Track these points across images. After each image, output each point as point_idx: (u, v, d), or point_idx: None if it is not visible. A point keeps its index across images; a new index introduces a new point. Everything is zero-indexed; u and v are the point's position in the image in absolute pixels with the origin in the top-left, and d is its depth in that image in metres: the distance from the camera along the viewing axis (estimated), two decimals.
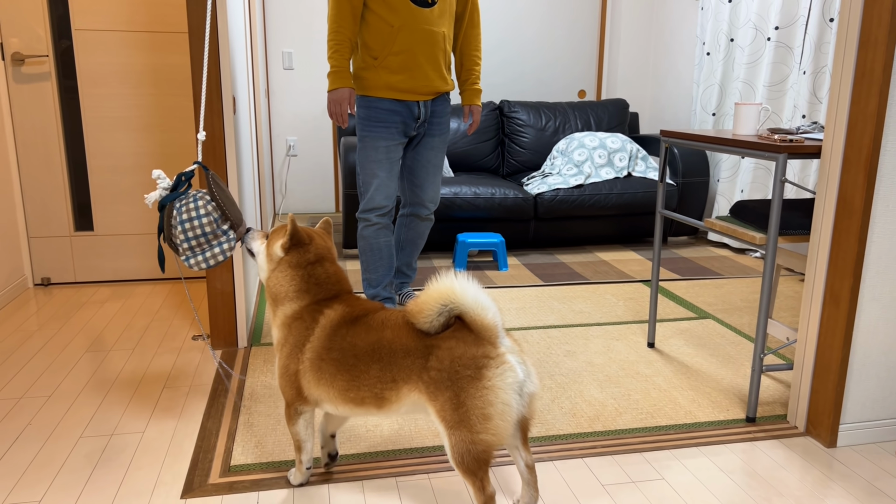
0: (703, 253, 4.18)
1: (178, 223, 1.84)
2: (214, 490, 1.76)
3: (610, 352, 2.65)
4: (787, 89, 3.87)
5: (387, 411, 1.57)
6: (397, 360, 1.51)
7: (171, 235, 1.87)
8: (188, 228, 1.84)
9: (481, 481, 1.46)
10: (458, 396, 1.44)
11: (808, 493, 1.77)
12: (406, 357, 1.51)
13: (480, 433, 1.43)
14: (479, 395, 1.43)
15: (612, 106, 4.79)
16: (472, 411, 1.43)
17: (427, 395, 1.48)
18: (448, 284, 1.46)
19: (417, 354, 1.50)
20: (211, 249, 1.86)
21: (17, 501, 1.70)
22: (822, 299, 1.97)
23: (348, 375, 1.56)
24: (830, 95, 1.90)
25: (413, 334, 1.52)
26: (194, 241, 1.85)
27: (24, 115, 3.23)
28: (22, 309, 3.07)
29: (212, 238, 1.86)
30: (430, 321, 1.48)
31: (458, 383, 1.44)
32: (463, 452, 1.45)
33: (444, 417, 1.46)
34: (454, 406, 1.44)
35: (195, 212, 1.84)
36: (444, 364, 1.46)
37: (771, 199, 2.00)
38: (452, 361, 1.45)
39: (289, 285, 1.67)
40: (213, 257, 1.87)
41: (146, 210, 3.44)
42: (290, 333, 1.65)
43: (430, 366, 1.47)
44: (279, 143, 5.11)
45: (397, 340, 1.52)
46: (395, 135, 2.69)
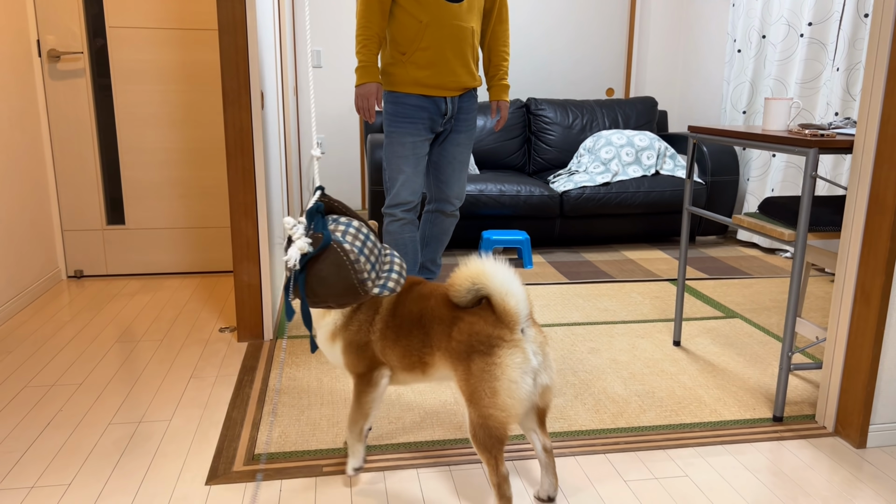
0: (732, 252, 4.12)
1: (359, 254, 1.49)
2: (238, 477, 1.78)
3: (635, 349, 2.63)
4: (820, 86, 3.80)
5: (429, 377, 1.67)
6: (433, 326, 1.60)
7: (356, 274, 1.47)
8: (369, 253, 1.53)
9: (496, 459, 1.51)
10: (470, 369, 1.51)
11: (835, 494, 1.73)
12: (439, 324, 1.59)
13: (489, 408, 1.49)
14: (487, 370, 1.49)
15: (641, 104, 4.75)
16: (481, 385, 1.50)
17: (450, 364, 1.58)
18: (480, 265, 1.52)
19: (446, 323, 1.58)
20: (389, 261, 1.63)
21: (46, 485, 1.74)
22: (853, 297, 1.93)
23: (405, 342, 1.64)
24: (863, 89, 1.86)
25: (448, 305, 1.60)
26: (378, 263, 1.58)
27: (59, 111, 3.31)
28: (55, 300, 3.14)
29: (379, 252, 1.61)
30: (460, 296, 1.56)
31: (472, 357, 1.51)
32: (477, 427, 1.51)
33: (462, 388, 1.55)
34: (467, 378, 1.52)
35: (357, 231, 1.54)
36: (462, 336, 1.53)
37: (801, 194, 1.96)
38: (470, 335, 1.52)
39: None
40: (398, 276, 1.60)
41: (176, 205, 3.50)
42: (356, 314, 1.68)
43: (452, 335, 1.56)
44: (307, 141, 5.15)
45: (436, 309, 1.61)
46: (422, 130, 2.70)
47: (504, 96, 2.86)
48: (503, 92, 2.86)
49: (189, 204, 3.50)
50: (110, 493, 1.71)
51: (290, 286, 1.49)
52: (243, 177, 2.51)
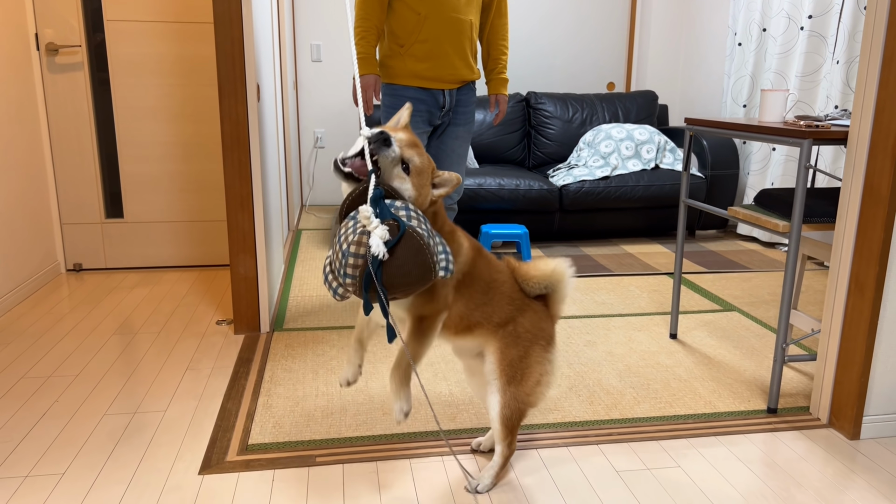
0: (732, 246, 4.11)
1: (428, 237, 1.41)
2: (231, 467, 1.79)
3: (631, 342, 2.63)
4: (820, 80, 3.78)
5: (462, 343, 1.65)
6: (499, 302, 1.61)
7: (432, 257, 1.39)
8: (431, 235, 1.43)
9: (512, 437, 1.64)
10: (527, 358, 1.61)
11: (828, 485, 1.73)
12: (507, 304, 1.62)
13: (530, 395, 1.61)
14: (542, 363, 1.62)
15: (641, 98, 4.73)
16: (531, 373, 1.61)
17: (498, 345, 1.61)
18: (560, 267, 1.64)
19: (516, 306, 1.63)
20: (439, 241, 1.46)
21: (41, 474, 1.75)
22: (847, 288, 1.92)
23: (467, 296, 1.60)
24: (858, 80, 1.86)
25: (516, 287, 1.65)
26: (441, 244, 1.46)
27: (57, 104, 3.32)
28: (54, 293, 3.15)
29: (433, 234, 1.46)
30: (534, 287, 1.64)
31: (533, 347, 1.61)
32: (512, 409, 1.60)
33: (505, 370, 1.60)
34: (519, 362, 1.60)
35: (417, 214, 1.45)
36: (529, 325, 1.62)
37: (795, 186, 1.96)
38: (534, 325, 1.62)
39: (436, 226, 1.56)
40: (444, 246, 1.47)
41: (175, 198, 3.50)
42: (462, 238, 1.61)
43: (518, 320, 1.62)
44: (307, 136, 5.15)
45: (505, 286, 1.64)
46: (420, 123, 2.70)
47: (503, 90, 2.85)
48: (502, 86, 2.85)
49: (188, 198, 3.51)
50: (104, 483, 1.71)
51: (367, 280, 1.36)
52: (239, 169, 2.51)
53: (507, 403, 1.59)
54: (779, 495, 1.68)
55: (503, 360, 1.60)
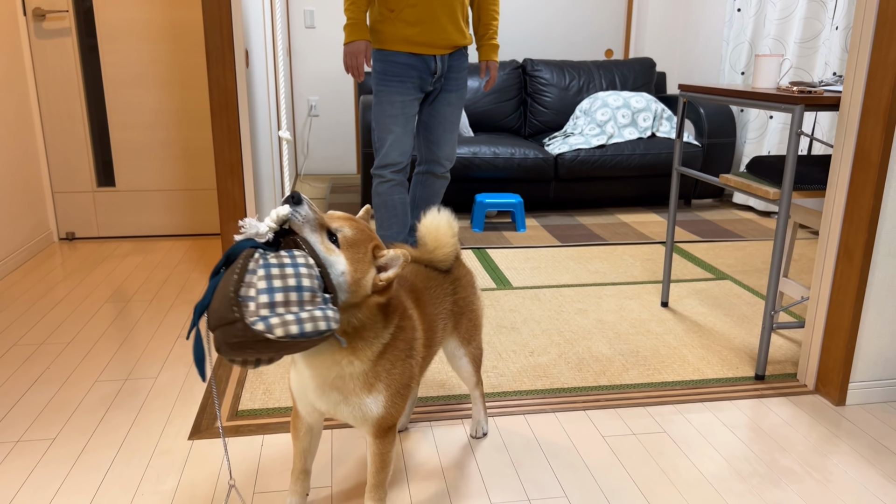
0: (727, 215, 4.10)
1: (261, 266, 1.11)
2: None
3: (622, 310, 2.63)
4: (818, 46, 3.73)
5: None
6: (444, 307, 1.58)
7: (233, 289, 1.09)
8: (275, 276, 1.11)
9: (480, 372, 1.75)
10: (473, 311, 1.66)
11: (812, 449, 1.75)
12: (447, 301, 1.59)
13: (481, 332, 1.72)
14: (479, 305, 1.69)
15: (639, 65, 4.68)
16: (478, 317, 1.68)
17: (453, 325, 1.61)
18: (448, 219, 1.57)
19: (449, 293, 1.60)
20: (309, 311, 1.11)
21: (32, 439, 1.77)
22: (836, 255, 1.92)
23: (434, 345, 1.53)
24: (851, 43, 1.83)
25: (442, 279, 1.58)
26: (280, 294, 1.10)
27: (46, 71, 3.28)
28: (47, 261, 3.15)
29: (307, 298, 1.12)
30: (453, 258, 1.60)
31: (472, 300, 1.66)
32: (478, 355, 1.70)
33: (465, 338, 1.65)
34: (472, 322, 1.66)
35: (290, 259, 1.13)
36: (466, 292, 1.64)
37: (786, 152, 1.95)
38: (467, 286, 1.64)
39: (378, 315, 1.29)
40: (313, 321, 1.10)
41: (167, 166, 3.48)
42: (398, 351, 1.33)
43: (457, 298, 1.61)
44: (301, 104, 5.11)
45: (438, 291, 1.57)
46: (411, 89, 2.67)
47: (494, 56, 2.82)
48: (493, 52, 2.82)
49: (180, 165, 3.49)
50: (94, 447, 1.73)
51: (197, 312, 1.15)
52: (228, 136, 2.49)
53: (475, 355, 1.70)
54: (762, 459, 1.70)
55: (458, 333, 1.65)
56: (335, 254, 1.19)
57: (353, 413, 1.31)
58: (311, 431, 1.46)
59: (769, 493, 1.57)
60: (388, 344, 1.30)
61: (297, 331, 1.09)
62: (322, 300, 1.14)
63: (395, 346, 1.32)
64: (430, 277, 1.55)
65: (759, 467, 1.67)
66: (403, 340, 1.33)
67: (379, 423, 1.34)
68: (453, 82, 2.76)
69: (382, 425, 1.35)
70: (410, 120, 2.71)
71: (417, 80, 2.66)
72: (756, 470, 1.66)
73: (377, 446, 1.38)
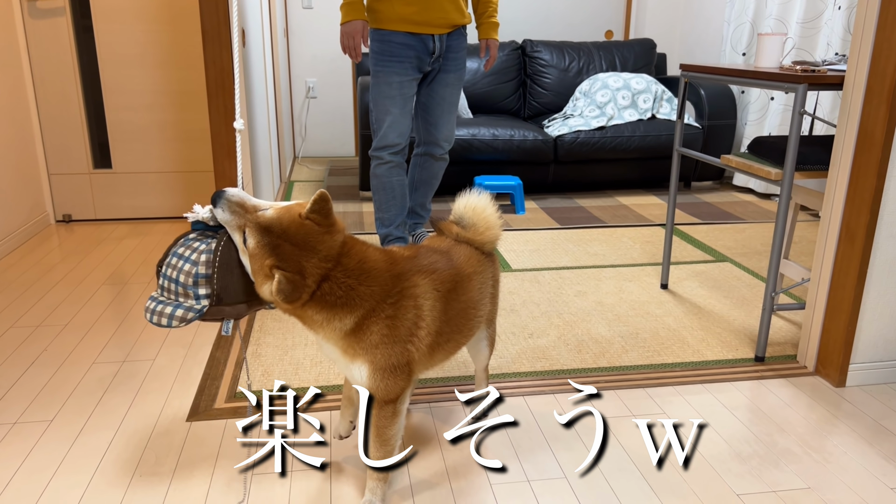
0: (727, 198, 4.08)
1: (173, 253, 1.37)
2: (219, 414, 1.80)
3: (621, 292, 2.62)
4: (821, 26, 3.69)
5: None
6: (486, 293, 1.58)
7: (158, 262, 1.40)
8: (172, 265, 1.35)
9: None
10: (496, 296, 1.68)
11: (811, 431, 1.74)
12: (486, 286, 1.59)
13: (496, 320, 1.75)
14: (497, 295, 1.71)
15: (639, 46, 4.64)
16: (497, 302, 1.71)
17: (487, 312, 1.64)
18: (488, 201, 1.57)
19: (490, 279, 1.61)
20: (165, 305, 1.34)
21: (29, 420, 1.76)
22: (838, 236, 1.91)
23: (465, 330, 1.51)
24: (856, 22, 1.80)
25: (480, 260, 1.57)
26: (167, 281, 1.35)
27: (40, 51, 3.24)
28: (44, 244, 3.14)
29: (180, 292, 1.34)
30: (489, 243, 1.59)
31: (497, 285, 1.67)
32: (494, 338, 1.74)
33: (490, 319, 1.67)
34: (494, 304, 1.68)
35: (190, 252, 1.35)
36: (497, 276, 1.66)
37: (789, 132, 1.93)
38: (498, 269, 1.66)
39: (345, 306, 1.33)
40: (159, 315, 1.34)
41: (163, 148, 3.45)
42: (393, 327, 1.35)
43: (494, 282, 1.64)
44: (299, 85, 5.07)
45: (485, 276, 1.57)
46: (409, 70, 2.64)
47: (494, 34, 2.78)
48: (493, 30, 2.78)
49: (177, 147, 3.46)
50: (92, 429, 1.73)
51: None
52: (225, 117, 2.46)
53: (492, 334, 1.73)
54: (762, 440, 1.70)
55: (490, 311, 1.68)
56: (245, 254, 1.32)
57: (347, 372, 1.43)
58: None
59: (768, 474, 1.57)
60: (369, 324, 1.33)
61: (148, 317, 1.35)
62: (194, 295, 1.33)
63: (381, 326, 1.33)
64: (478, 262, 1.55)
65: (759, 448, 1.67)
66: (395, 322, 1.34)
67: (373, 393, 1.36)
68: (452, 62, 2.73)
69: (377, 397, 1.37)
70: (409, 101, 2.68)
71: (415, 61, 2.63)
72: (756, 451, 1.66)
73: (373, 417, 1.38)
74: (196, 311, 1.32)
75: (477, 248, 1.57)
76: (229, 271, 1.33)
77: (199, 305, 1.32)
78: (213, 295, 1.32)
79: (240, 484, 1.53)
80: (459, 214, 1.58)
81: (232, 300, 1.34)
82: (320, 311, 1.32)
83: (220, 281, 1.32)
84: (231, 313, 1.37)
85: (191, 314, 1.32)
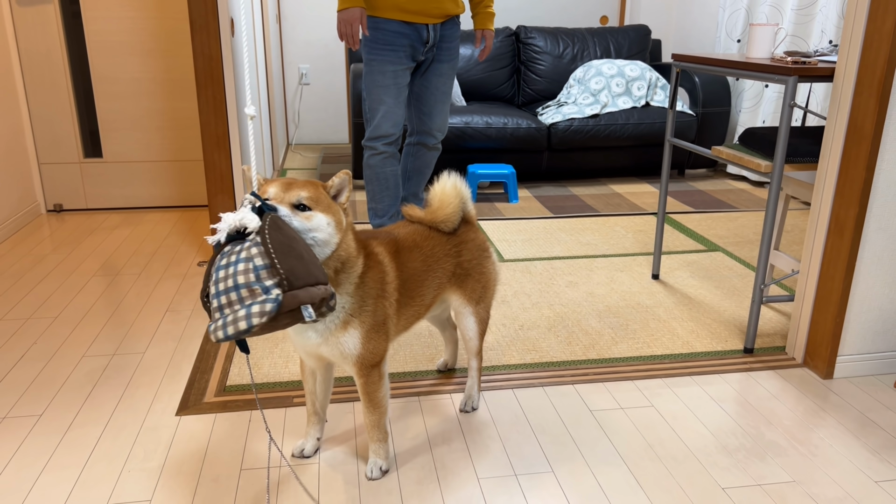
0: (720, 186, 4.08)
1: (215, 270, 1.25)
2: (209, 408, 1.80)
3: (613, 283, 2.63)
4: (815, 13, 3.67)
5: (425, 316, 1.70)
6: (441, 265, 1.65)
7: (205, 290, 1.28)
8: (221, 278, 1.22)
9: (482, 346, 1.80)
10: (484, 275, 1.73)
11: (798, 423, 1.75)
12: (447, 260, 1.66)
13: (493, 295, 1.78)
14: (493, 266, 1.77)
15: (634, 32, 4.61)
16: (490, 281, 1.76)
17: (458, 285, 1.69)
18: (456, 183, 1.65)
19: (452, 255, 1.67)
20: (235, 312, 1.19)
21: (18, 415, 1.76)
22: (827, 228, 1.91)
23: (418, 297, 1.61)
24: (847, 12, 1.79)
25: (444, 240, 1.66)
26: (224, 296, 1.21)
27: (28, 38, 3.21)
28: (35, 234, 3.12)
29: (245, 295, 1.20)
30: (458, 220, 1.67)
31: (483, 264, 1.73)
32: (485, 318, 1.76)
33: (472, 298, 1.72)
34: (481, 284, 1.73)
35: (235, 256, 1.23)
36: (473, 255, 1.71)
37: (779, 124, 1.92)
38: (476, 249, 1.71)
39: (350, 243, 1.40)
40: (234, 323, 1.18)
41: (154, 137, 3.43)
42: (369, 288, 1.44)
43: (462, 260, 1.68)
44: (291, 72, 5.03)
45: (435, 249, 1.64)
46: (403, 59, 2.62)
47: (489, 24, 2.76)
48: (488, 20, 2.76)
49: (167, 136, 3.44)
50: (81, 423, 1.73)
51: None
52: (214, 107, 2.45)
53: (482, 318, 1.75)
54: (748, 433, 1.71)
55: (465, 293, 1.71)
56: (313, 216, 1.32)
57: (332, 351, 1.44)
58: (314, 375, 1.58)
59: (754, 467, 1.58)
60: (359, 281, 1.42)
61: (223, 335, 1.18)
62: (262, 289, 1.19)
63: (365, 284, 1.44)
64: (428, 237, 1.64)
65: (746, 441, 1.68)
66: (372, 279, 1.45)
67: (360, 361, 1.46)
68: (445, 52, 2.71)
69: (364, 363, 1.46)
70: (402, 90, 2.67)
71: (409, 49, 2.61)
72: (742, 444, 1.67)
73: (361, 385, 1.50)
74: (273, 302, 1.19)
75: (435, 228, 1.66)
76: (288, 253, 1.23)
77: (272, 296, 1.19)
78: (282, 281, 1.20)
79: (229, 480, 1.53)
80: (427, 198, 1.71)
81: (302, 282, 1.22)
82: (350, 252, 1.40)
83: (283, 264, 1.21)
84: (306, 298, 1.23)
85: (269, 305, 1.18)
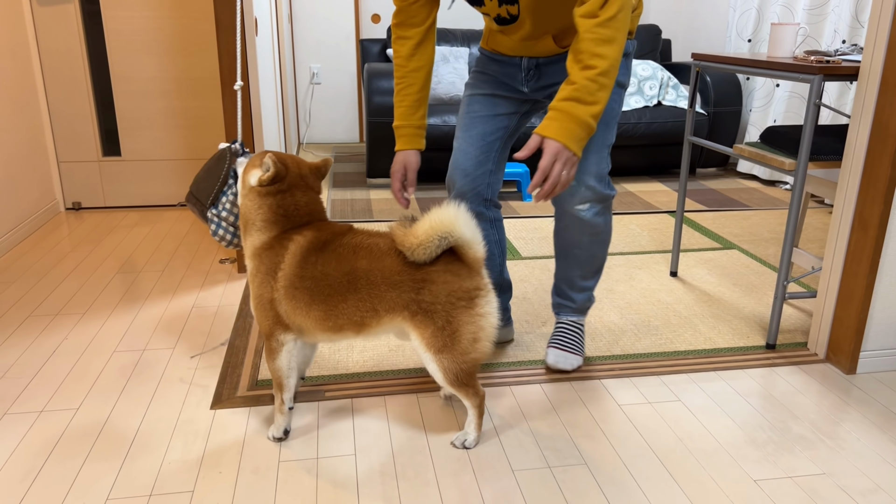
0: (732, 185, 4.10)
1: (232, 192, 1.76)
2: (242, 402, 1.82)
3: (631, 280, 2.65)
4: (828, 13, 3.70)
5: (365, 335, 1.59)
6: (379, 291, 1.50)
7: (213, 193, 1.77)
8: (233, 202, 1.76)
9: (474, 388, 1.61)
10: (452, 324, 1.51)
11: (823, 417, 1.78)
12: (391, 289, 1.50)
13: (471, 353, 1.54)
14: (472, 322, 1.52)
15: (644, 32, 4.63)
16: (464, 336, 1.52)
17: (413, 324, 1.52)
18: (450, 216, 1.46)
19: (405, 287, 1.50)
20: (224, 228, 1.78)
21: (55, 409, 1.78)
22: (851, 225, 1.93)
23: (324, 305, 1.53)
24: (872, 11, 1.82)
25: (398, 265, 1.50)
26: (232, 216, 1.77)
27: (48, 38, 3.23)
28: (55, 232, 3.15)
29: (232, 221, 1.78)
30: (429, 254, 1.48)
31: (452, 312, 1.51)
32: (457, 372, 1.55)
33: (432, 344, 1.52)
34: (447, 333, 1.51)
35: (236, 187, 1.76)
36: (438, 297, 1.50)
37: (803, 123, 1.94)
38: (449, 294, 1.50)
39: (256, 214, 1.60)
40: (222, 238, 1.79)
41: (172, 136, 3.46)
42: (262, 262, 1.58)
43: (421, 298, 1.50)
44: (303, 71, 5.05)
45: (377, 271, 1.50)
46: (489, 83, 1.89)
47: (552, 133, 1.54)
48: (558, 122, 1.56)
49: (185, 135, 3.46)
50: (119, 416, 1.75)
51: None
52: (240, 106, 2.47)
53: (448, 368, 1.53)
54: (775, 427, 1.73)
55: (423, 335, 1.52)
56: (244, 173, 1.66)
57: None
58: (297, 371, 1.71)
59: (784, 460, 1.61)
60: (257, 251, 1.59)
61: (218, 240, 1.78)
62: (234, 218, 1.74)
63: (260, 256, 1.59)
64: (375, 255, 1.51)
65: (773, 435, 1.70)
66: (268, 256, 1.57)
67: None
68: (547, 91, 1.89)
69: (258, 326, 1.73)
70: (479, 124, 1.88)
71: (499, 74, 1.89)
72: (770, 437, 1.69)
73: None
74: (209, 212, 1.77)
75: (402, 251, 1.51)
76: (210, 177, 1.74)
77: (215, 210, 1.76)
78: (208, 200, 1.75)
79: (269, 472, 1.56)
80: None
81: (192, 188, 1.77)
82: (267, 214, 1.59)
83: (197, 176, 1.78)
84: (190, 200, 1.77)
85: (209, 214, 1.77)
